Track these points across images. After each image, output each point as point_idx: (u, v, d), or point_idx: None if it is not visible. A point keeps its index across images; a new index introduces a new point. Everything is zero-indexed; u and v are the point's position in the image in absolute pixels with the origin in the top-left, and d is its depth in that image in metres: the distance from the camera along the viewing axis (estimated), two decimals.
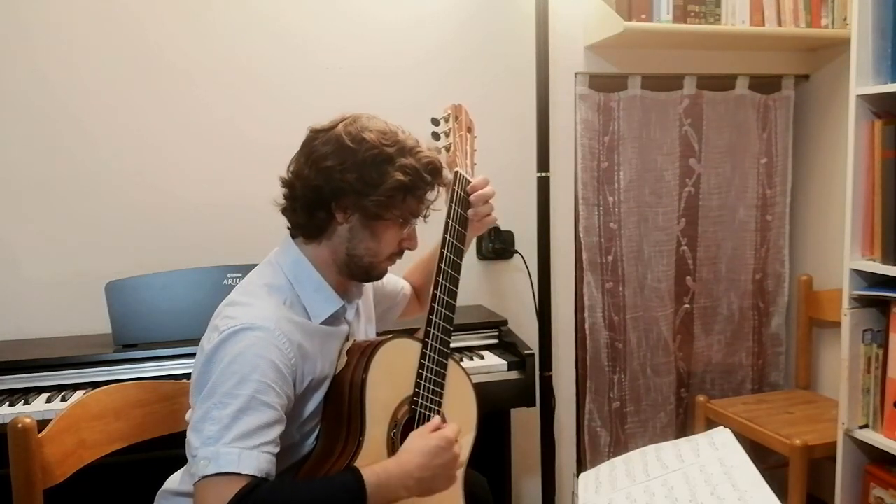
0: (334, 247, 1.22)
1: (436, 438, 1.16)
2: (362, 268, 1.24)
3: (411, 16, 2.12)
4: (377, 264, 1.25)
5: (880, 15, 1.73)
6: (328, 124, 1.22)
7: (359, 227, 1.20)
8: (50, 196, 1.92)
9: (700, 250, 2.46)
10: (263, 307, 1.14)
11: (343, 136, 1.18)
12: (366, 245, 1.21)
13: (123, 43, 1.93)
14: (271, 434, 1.07)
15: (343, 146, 1.17)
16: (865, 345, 1.84)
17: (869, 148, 1.78)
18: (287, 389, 1.11)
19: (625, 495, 1.21)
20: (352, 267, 1.23)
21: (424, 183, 1.21)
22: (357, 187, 1.16)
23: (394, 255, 1.26)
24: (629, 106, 2.29)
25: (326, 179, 1.17)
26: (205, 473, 1.01)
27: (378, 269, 1.26)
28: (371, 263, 1.24)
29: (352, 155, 1.16)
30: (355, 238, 1.21)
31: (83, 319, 1.93)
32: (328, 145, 1.18)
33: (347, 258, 1.22)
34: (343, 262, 1.23)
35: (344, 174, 1.16)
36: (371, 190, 1.16)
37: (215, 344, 1.09)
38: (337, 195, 1.18)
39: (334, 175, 1.16)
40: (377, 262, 1.24)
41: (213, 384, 1.06)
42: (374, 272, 1.26)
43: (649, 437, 2.43)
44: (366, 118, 1.22)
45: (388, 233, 1.22)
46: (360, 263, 1.23)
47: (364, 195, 1.17)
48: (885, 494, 1.84)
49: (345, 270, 1.24)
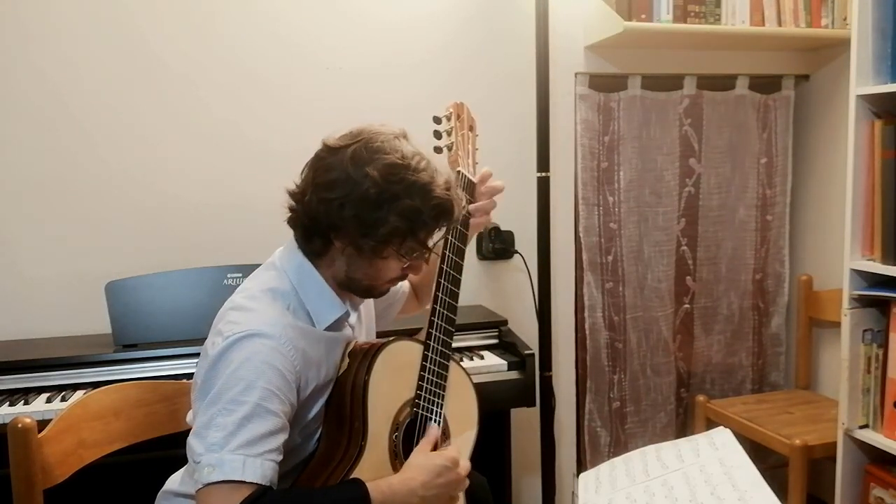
0: (334, 269, 1.20)
1: (441, 458, 1.16)
2: (362, 288, 1.22)
3: (411, 16, 2.12)
4: (378, 286, 1.23)
5: (880, 15, 1.73)
6: (341, 142, 1.15)
7: (357, 258, 1.17)
8: (50, 196, 1.92)
9: (700, 250, 2.46)
10: (268, 313, 1.13)
11: (349, 164, 1.11)
12: (364, 273, 1.19)
13: (123, 43, 1.93)
14: (275, 442, 1.06)
15: (347, 177, 1.11)
16: (865, 345, 1.84)
17: (869, 148, 1.78)
18: (291, 396, 1.11)
19: (625, 495, 1.21)
20: (352, 287, 1.22)
21: (426, 227, 1.15)
22: (353, 226, 1.12)
23: (395, 279, 1.24)
24: (629, 106, 2.29)
25: (325, 212, 1.13)
26: (209, 481, 1.00)
27: (379, 289, 1.24)
28: (371, 286, 1.22)
29: (354, 188, 1.10)
30: (354, 265, 1.18)
31: (83, 319, 1.93)
32: (333, 172, 1.12)
33: (347, 280, 1.20)
34: (343, 282, 1.21)
35: (342, 210, 1.11)
36: (367, 231, 1.12)
37: (220, 349, 1.08)
38: (334, 229, 1.14)
39: (332, 209, 1.12)
40: (377, 284, 1.22)
41: (217, 390, 1.05)
42: (374, 292, 1.25)
43: (649, 437, 2.43)
44: (381, 142, 1.13)
45: (388, 265, 1.19)
46: (360, 285, 1.21)
47: (360, 236, 1.13)
48: (885, 494, 1.84)
49: (345, 288, 1.22)
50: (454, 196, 1.17)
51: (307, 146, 1.22)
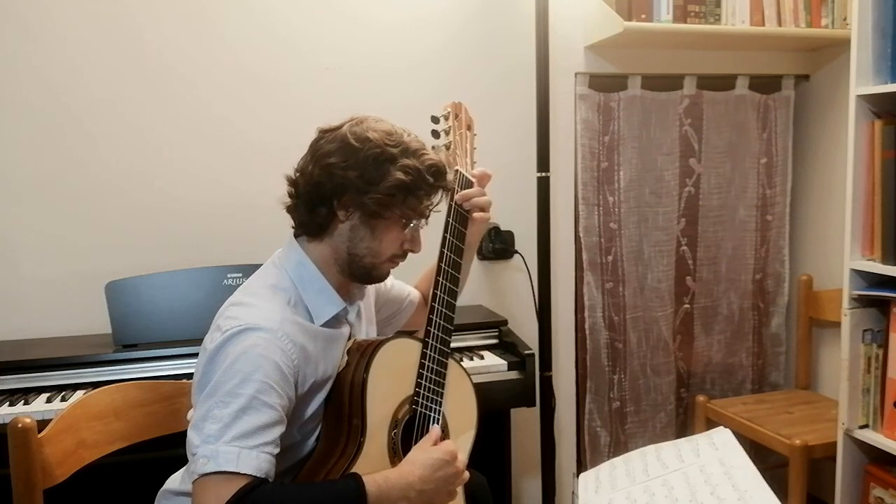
0: (336, 245, 1.23)
1: (439, 451, 1.17)
2: (363, 268, 1.24)
3: (411, 16, 2.12)
4: (378, 265, 1.24)
5: (880, 15, 1.73)
6: (336, 125, 1.24)
7: (360, 226, 1.21)
8: (50, 196, 1.92)
9: (700, 250, 2.46)
10: (267, 308, 1.14)
11: (348, 135, 1.19)
12: (367, 244, 1.21)
13: (124, 43, 1.93)
14: (272, 434, 1.06)
15: (347, 144, 1.18)
16: (865, 345, 1.84)
17: (869, 148, 1.78)
18: (289, 391, 1.11)
19: (625, 495, 1.21)
20: (353, 267, 1.23)
21: (426, 184, 1.21)
22: (358, 185, 1.17)
23: (396, 256, 1.26)
24: (629, 106, 2.29)
25: (328, 176, 1.18)
26: (203, 472, 1.01)
27: (379, 269, 1.26)
28: (372, 263, 1.24)
29: (354, 153, 1.18)
30: (356, 237, 1.21)
31: (83, 319, 1.93)
32: (332, 143, 1.20)
33: (349, 257, 1.22)
34: (344, 262, 1.23)
35: (346, 171, 1.17)
36: (371, 188, 1.17)
37: (218, 343, 1.09)
38: (338, 192, 1.18)
39: (336, 172, 1.18)
40: (378, 262, 1.24)
41: (215, 383, 1.06)
42: (375, 272, 1.26)
43: (649, 437, 2.43)
44: (373, 120, 1.23)
45: (389, 233, 1.22)
46: (361, 263, 1.23)
47: (364, 193, 1.17)
48: (885, 494, 1.84)
49: (346, 270, 1.24)
50: (444, 160, 1.27)
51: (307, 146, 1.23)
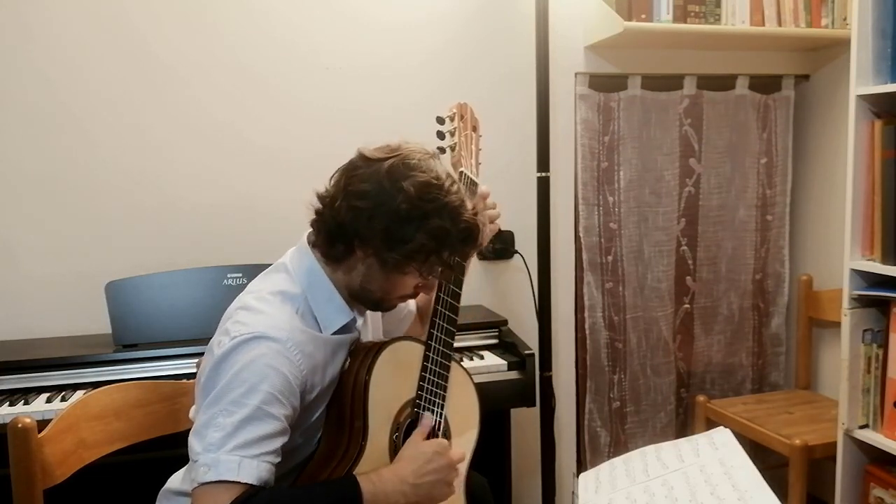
0: (350, 277, 1.20)
1: (429, 445, 1.17)
2: (372, 301, 1.23)
3: (411, 17, 2.12)
4: (388, 300, 1.23)
5: (880, 15, 1.73)
6: (378, 154, 1.15)
7: (376, 269, 1.17)
8: (50, 196, 1.92)
9: (700, 250, 2.46)
10: (277, 316, 1.13)
11: (385, 177, 1.11)
12: (380, 285, 1.19)
13: (124, 43, 1.93)
14: (274, 444, 1.06)
15: (380, 189, 1.11)
16: (865, 345, 1.84)
17: (869, 148, 1.78)
18: (294, 401, 1.11)
19: (625, 495, 1.21)
20: (362, 297, 1.22)
21: (452, 248, 1.16)
22: (380, 238, 1.12)
23: (406, 296, 1.25)
24: (629, 106, 2.29)
25: (353, 219, 1.13)
26: (204, 480, 1.00)
27: (388, 304, 1.25)
28: (382, 299, 1.22)
29: (386, 202, 1.11)
30: (371, 276, 1.18)
31: (83, 319, 1.93)
32: (367, 182, 1.12)
33: (360, 289, 1.20)
34: (356, 290, 1.21)
35: (371, 221, 1.11)
36: (394, 245, 1.12)
37: (226, 350, 1.08)
38: (360, 238, 1.14)
39: (362, 219, 1.12)
40: (388, 298, 1.23)
41: (220, 390, 1.06)
42: (383, 305, 1.25)
43: (649, 437, 2.43)
44: (418, 160, 1.14)
45: (405, 280, 1.19)
46: (372, 297, 1.21)
47: (386, 249, 1.13)
48: (885, 494, 1.84)
49: (355, 297, 1.22)
50: (481, 221, 1.19)
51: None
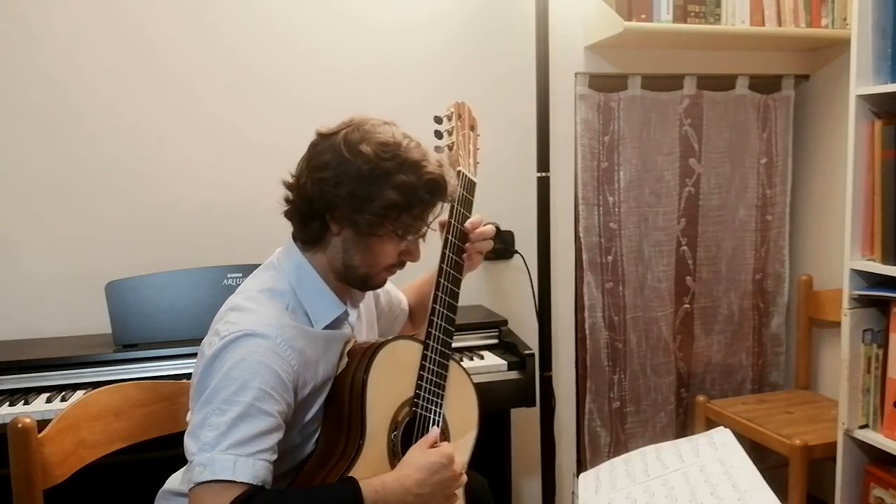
0: (331, 255, 1.21)
1: (435, 454, 1.15)
2: (359, 277, 1.22)
3: (411, 16, 2.12)
4: (374, 275, 1.23)
5: (880, 15, 1.73)
6: (333, 129, 1.18)
7: (353, 240, 1.18)
8: (51, 196, 1.92)
9: (700, 250, 2.46)
10: (266, 313, 1.13)
11: (342, 145, 1.14)
12: (361, 256, 1.19)
13: (125, 43, 1.93)
14: (269, 442, 1.06)
15: (340, 157, 1.14)
16: (865, 345, 1.84)
17: (869, 148, 1.78)
18: (287, 397, 1.11)
19: (625, 495, 1.21)
20: (349, 275, 1.22)
21: (422, 202, 1.17)
22: (349, 202, 1.13)
23: (392, 266, 1.24)
24: (629, 106, 2.29)
25: (320, 191, 1.14)
26: (199, 480, 1.00)
27: (375, 279, 1.24)
28: (367, 273, 1.22)
29: (346, 167, 1.13)
30: (350, 249, 1.19)
31: (83, 319, 1.93)
32: (326, 154, 1.15)
33: (344, 268, 1.21)
34: (340, 271, 1.21)
35: (337, 188, 1.13)
36: (363, 206, 1.13)
37: (216, 349, 1.08)
38: (330, 208, 1.15)
39: (327, 188, 1.14)
40: (374, 272, 1.22)
41: (212, 390, 1.06)
42: (371, 282, 1.24)
43: (649, 437, 2.43)
44: (371, 125, 1.17)
45: (384, 246, 1.19)
46: (357, 273, 1.21)
47: (356, 211, 1.14)
48: (885, 494, 1.84)
49: (342, 278, 1.22)
50: (447, 172, 1.20)
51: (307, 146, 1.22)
